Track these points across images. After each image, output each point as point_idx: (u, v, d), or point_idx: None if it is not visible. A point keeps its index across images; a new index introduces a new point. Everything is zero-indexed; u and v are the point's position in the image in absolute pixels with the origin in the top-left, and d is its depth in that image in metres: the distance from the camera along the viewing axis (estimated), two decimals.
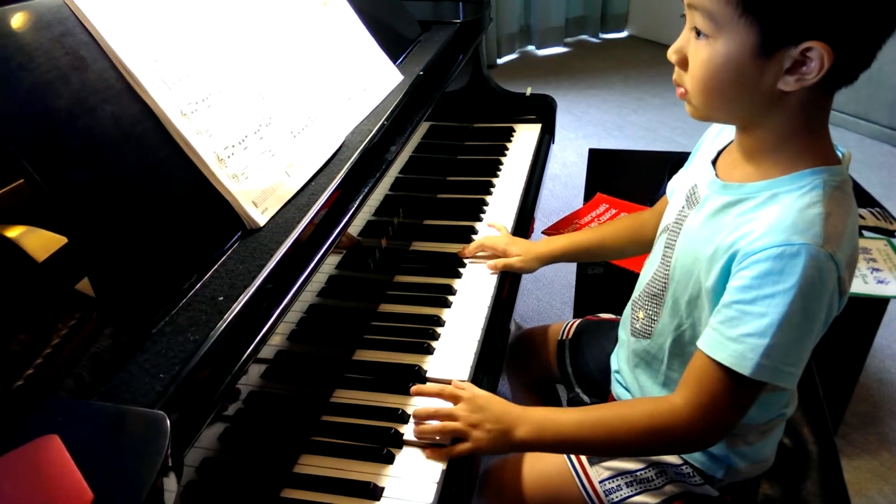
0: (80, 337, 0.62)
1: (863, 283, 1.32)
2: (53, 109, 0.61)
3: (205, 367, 0.58)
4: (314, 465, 0.78)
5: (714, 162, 0.80)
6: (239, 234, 0.74)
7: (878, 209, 1.52)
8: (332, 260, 0.86)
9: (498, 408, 0.80)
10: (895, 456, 1.50)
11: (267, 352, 0.72)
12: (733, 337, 0.67)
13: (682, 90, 0.72)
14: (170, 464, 0.48)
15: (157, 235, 0.66)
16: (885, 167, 2.61)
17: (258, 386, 0.71)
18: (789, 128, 0.69)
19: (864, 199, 1.55)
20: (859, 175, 1.69)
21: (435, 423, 0.80)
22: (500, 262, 1.07)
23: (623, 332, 0.94)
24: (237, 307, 0.63)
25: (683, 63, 0.70)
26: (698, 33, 0.67)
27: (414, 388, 0.85)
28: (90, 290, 0.63)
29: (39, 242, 0.71)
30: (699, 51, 0.67)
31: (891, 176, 2.56)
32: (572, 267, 1.70)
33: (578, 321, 1.16)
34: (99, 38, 0.67)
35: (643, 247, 1.01)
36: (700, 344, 0.71)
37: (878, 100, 2.71)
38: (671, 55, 0.71)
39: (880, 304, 1.37)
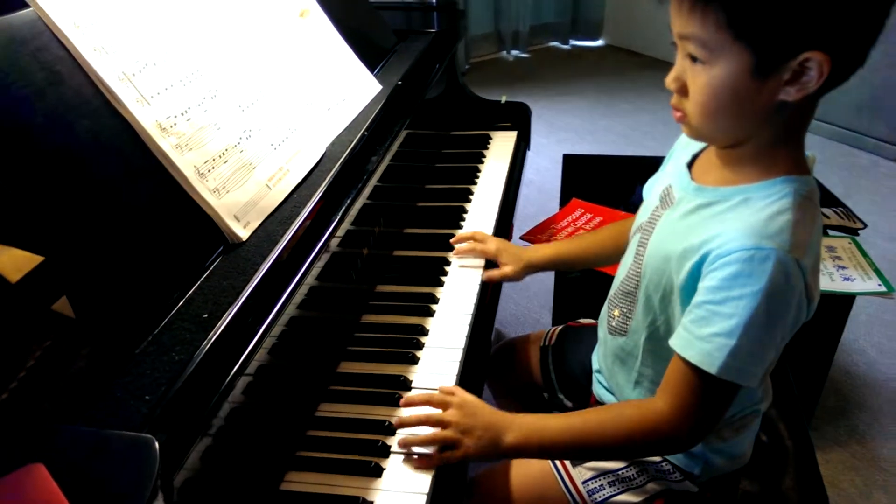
0: (59, 360, 0.61)
1: (829, 281, 1.35)
2: (30, 126, 0.60)
3: (191, 387, 0.57)
4: (301, 481, 0.77)
5: (690, 165, 0.82)
6: (221, 248, 0.73)
7: (841, 209, 1.57)
8: (313, 271, 0.85)
9: (488, 414, 0.81)
10: (865, 448, 1.55)
11: (249, 367, 0.71)
12: (702, 336, 0.69)
13: (679, 114, 0.72)
14: (160, 489, 0.47)
15: (137, 253, 0.65)
16: (846, 167, 2.69)
17: (240, 402, 0.69)
18: (774, 138, 0.70)
19: (828, 198, 1.59)
20: (822, 175, 1.73)
21: (425, 432, 0.79)
22: (497, 272, 1.09)
23: (601, 331, 0.96)
24: (222, 325, 0.62)
25: (683, 90, 0.70)
26: (694, 59, 0.67)
27: (404, 399, 0.84)
28: (68, 310, 0.62)
29: (13, 262, 0.69)
30: (697, 77, 0.67)
31: (851, 176, 2.63)
32: (550, 272, 1.71)
33: (561, 327, 1.17)
34: (75, 52, 0.66)
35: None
36: (672, 343, 0.73)
37: (837, 102, 2.79)
38: (670, 84, 0.71)
39: (847, 300, 1.41)
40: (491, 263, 1.12)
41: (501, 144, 1.48)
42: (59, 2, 0.67)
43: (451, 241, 1.13)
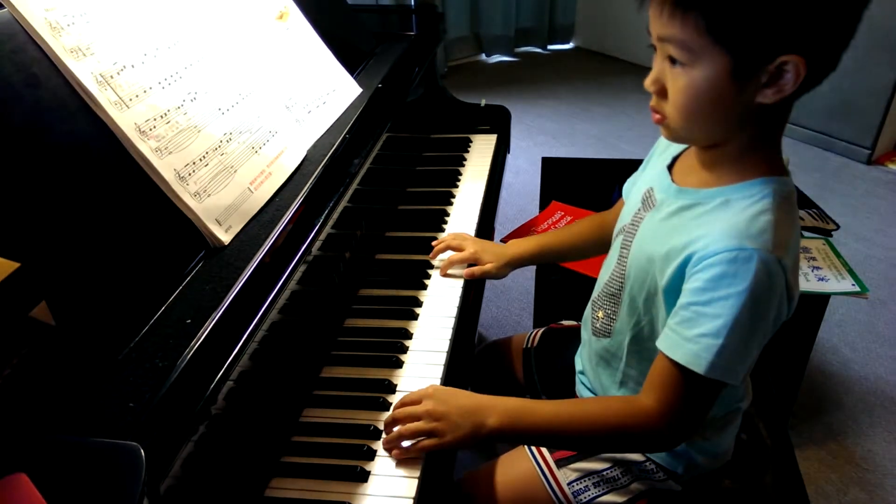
0: (39, 367, 0.59)
1: (805, 281, 1.38)
2: (6, 128, 0.58)
3: (176, 393, 0.56)
4: (286, 487, 0.76)
5: (670, 167, 0.83)
6: (202, 253, 0.72)
7: (815, 210, 1.60)
8: (296, 275, 0.85)
9: (463, 398, 0.80)
10: (841, 445, 1.58)
11: (232, 373, 0.70)
12: (689, 337, 0.70)
13: (658, 116, 0.73)
14: (146, 496, 0.47)
15: (118, 257, 0.63)
16: (818, 170, 2.75)
17: (224, 408, 0.68)
18: (752, 140, 0.72)
19: (802, 200, 1.62)
20: (795, 178, 1.75)
21: (399, 428, 0.79)
22: (478, 269, 1.08)
23: (585, 332, 0.96)
24: (205, 330, 0.62)
25: (662, 92, 0.71)
26: (673, 62, 0.68)
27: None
28: (48, 317, 0.60)
29: None
30: (677, 79, 0.68)
31: (823, 178, 2.69)
32: (530, 273, 1.72)
33: (543, 329, 1.17)
34: (52, 54, 0.65)
35: (605, 247, 1.04)
36: (659, 344, 0.74)
37: (809, 106, 2.85)
38: (649, 86, 0.71)
39: (822, 300, 1.44)
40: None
41: (482, 147, 1.48)
42: (34, 2, 0.65)
43: (430, 256, 1.11)
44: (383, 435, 0.81)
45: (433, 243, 1.12)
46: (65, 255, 0.59)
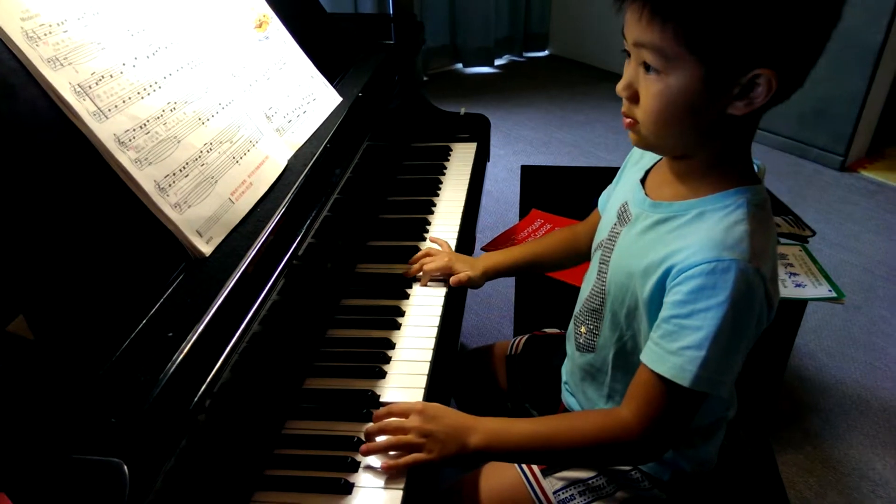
0: (18, 383, 0.58)
1: (782, 288, 1.40)
2: None
3: (159, 408, 0.55)
4: (269, 501, 0.75)
5: (643, 180, 0.83)
6: (184, 265, 0.71)
7: (790, 217, 1.63)
8: (278, 286, 0.84)
9: (451, 417, 0.81)
10: (818, 449, 1.60)
11: (215, 386, 0.69)
12: (673, 350, 0.70)
13: (629, 120, 0.74)
14: None
15: (98, 270, 0.62)
16: (792, 176, 2.80)
17: (206, 421, 0.67)
18: (722, 151, 0.73)
19: (778, 207, 1.65)
20: (770, 185, 1.80)
21: (386, 438, 0.79)
22: (455, 277, 1.08)
23: (569, 347, 0.97)
24: (188, 344, 0.61)
25: (634, 97, 0.71)
26: (647, 68, 0.68)
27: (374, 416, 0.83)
28: (26, 331, 0.59)
29: None
30: (651, 85, 0.69)
31: (797, 184, 2.74)
32: (510, 281, 1.73)
33: (526, 337, 1.17)
34: (28, 64, 0.63)
35: (579, 258, 1.06)
36: (643, 358, 0.74)
37: (782, 113, 2.90)
38: (621, 91, 0.72)
39: (799, 306, 1.47)
40: None
41: (462, 155, 1.49)
42: (10, 12, 0.64)
43: (407, 274, 1.10)
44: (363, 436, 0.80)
45: (410, 260, 1.12)
46: (43, 269, 0.58)
